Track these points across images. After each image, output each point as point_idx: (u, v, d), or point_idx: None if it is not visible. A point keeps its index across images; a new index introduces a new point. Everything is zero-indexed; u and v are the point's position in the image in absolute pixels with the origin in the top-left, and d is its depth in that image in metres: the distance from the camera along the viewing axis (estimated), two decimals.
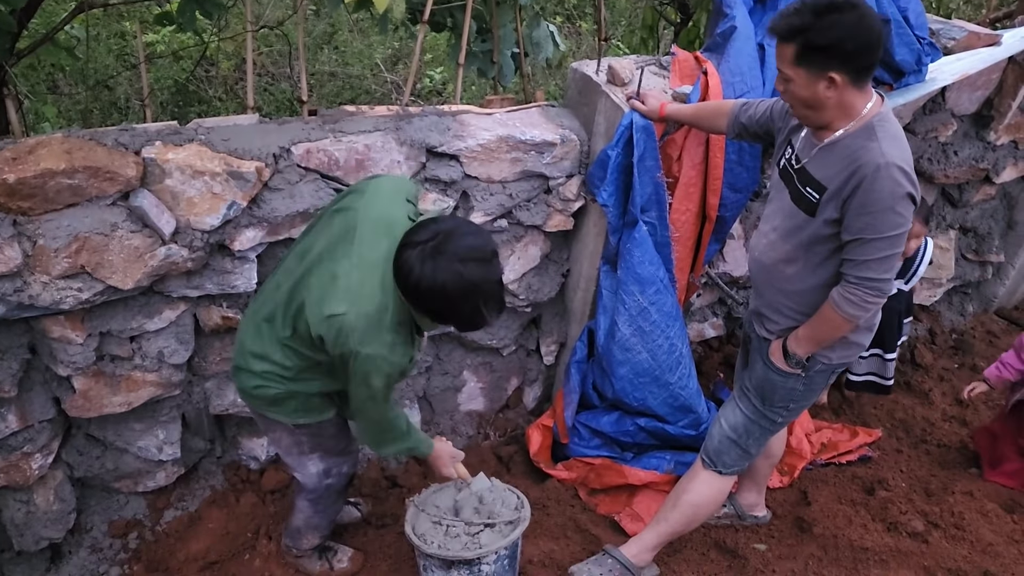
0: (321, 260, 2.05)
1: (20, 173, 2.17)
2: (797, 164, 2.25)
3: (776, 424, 2.55)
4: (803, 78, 2.05)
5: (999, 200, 4.33)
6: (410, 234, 1.93)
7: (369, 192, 2.12)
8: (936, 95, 3.61)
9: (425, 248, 1.86)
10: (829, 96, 2.06)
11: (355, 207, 2.08)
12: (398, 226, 2.01)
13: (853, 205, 2.07)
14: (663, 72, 3.12)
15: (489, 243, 1.96)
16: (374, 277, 1.97)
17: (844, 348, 2.37)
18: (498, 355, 3.38)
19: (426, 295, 1.89)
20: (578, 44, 6.95)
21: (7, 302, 2.28)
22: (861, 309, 2.15)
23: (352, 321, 1.94)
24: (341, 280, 1.97)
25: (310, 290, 2.03)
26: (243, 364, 2.23)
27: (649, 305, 2.96)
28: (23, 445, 2.55)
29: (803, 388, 2.45)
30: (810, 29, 1.98)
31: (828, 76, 2.02)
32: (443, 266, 1.85)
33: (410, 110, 2.80)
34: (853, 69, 2.02)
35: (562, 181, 3.00)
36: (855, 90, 2.07)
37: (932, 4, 6.09)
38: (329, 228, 2.11)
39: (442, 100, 6.18)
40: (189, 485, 3.01)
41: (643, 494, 3.15)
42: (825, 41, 1.98)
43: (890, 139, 2.06)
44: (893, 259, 2.11)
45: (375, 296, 1.96)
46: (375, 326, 1.96)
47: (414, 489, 3.01)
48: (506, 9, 3.22)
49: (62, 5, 5.56)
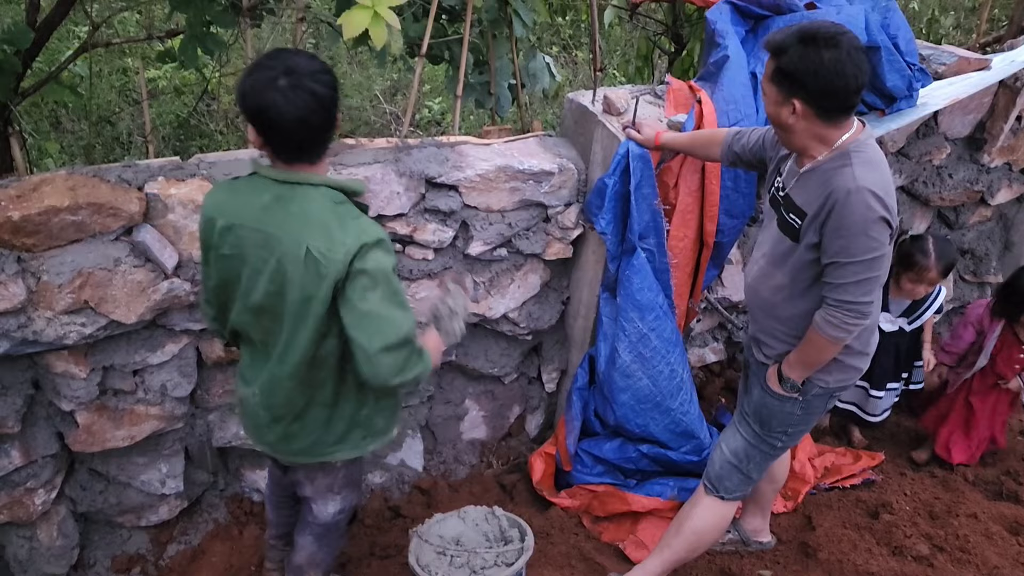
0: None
1: (25, 210, 2.20)
2: (783, 191, 2.29)
3: (776, 449, 2.56)
4: (772, 96, 2.14)
5: (995, 222, 4.36)
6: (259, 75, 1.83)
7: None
8: (929, 119, 3.65)
9: (279, 84, 1.80)
10: (792, 122, 2.13)
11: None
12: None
13: (828, 229, 2.11)
14: (658, 101, 3.16)
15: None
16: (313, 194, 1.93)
17: (840, 371, 2.38)
18: (500, 383, 3.39)
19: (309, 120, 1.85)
20: (574, 73, 7.02)
21: (11, 338, 2.30)
22: (843, 331, 2.18)
23: (341, 226, 1.88)
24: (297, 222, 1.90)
25: (289, 277, 1.90)
26: (286, 436, 2.13)
27: (649, 331, 2.98)
28: (26, 481, 2.56)
29: (801, 412, 2.46)
30: (786, 52, 2.06)
31: (792, 102, 2.09)
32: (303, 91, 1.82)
33: (409, 142, 2.84)
34: (817, 105, 2.08)
35: (560, 210, 3.03)
36: (823, 123, 2.13)
37: (922, 30, 6.17)
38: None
39: (440, 130, 6.24)
40: (192, 518, 3.01)
41: (647, 521, 3.14)
42: (793, 69, 2.06)
43: (864, 164, 2.10)
44: (871, 282, 2.13)
45: (327, 203, 1.91)
46: (353, 216, 1.92)
47: (417, 519, 3.00)
48: (502, 41, 3.27)
49: (65, 43, 5.65)
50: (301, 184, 1.92)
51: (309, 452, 2.17)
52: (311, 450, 2.17)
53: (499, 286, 3.07)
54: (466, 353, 3.22)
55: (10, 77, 2.69)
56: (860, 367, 2.42)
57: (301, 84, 1.81)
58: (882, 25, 3.03)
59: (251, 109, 1.84)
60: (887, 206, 2.08)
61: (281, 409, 2.10)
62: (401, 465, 3.31)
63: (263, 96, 1.81)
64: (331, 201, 1.92)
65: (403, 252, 2.85)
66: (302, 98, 1.81)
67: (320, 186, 1.93)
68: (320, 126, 1.88)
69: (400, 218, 2.76)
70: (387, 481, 3.29)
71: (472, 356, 3.23)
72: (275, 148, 1.91)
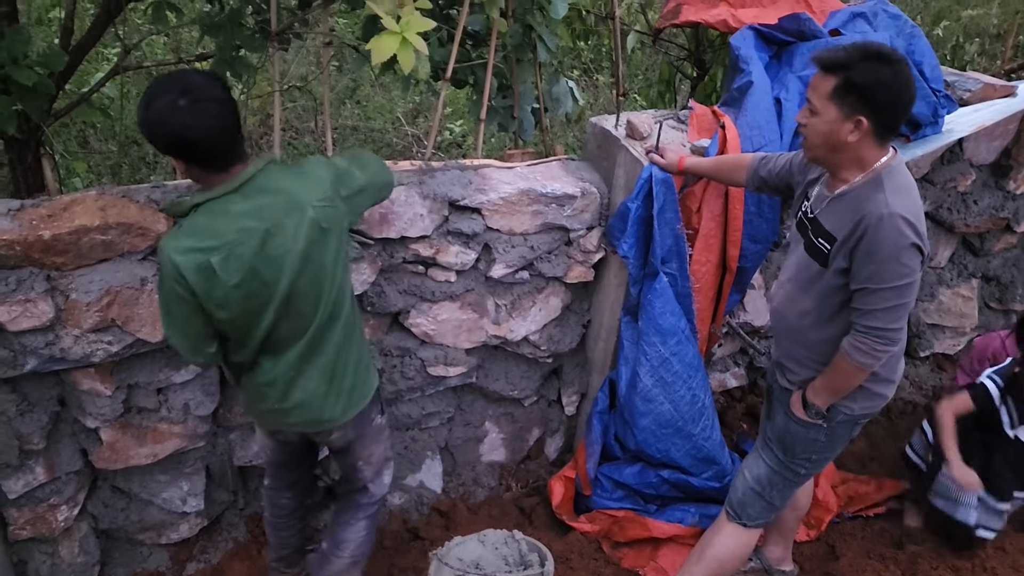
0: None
1: (55, 229, 2.23)
2: (811, 215, 2.27)
3: (800, 476, 2.53)
4: (833, 114, 2.08)
5: (1021, 249, 4.31)
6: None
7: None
8: (954, 146, 3.63)
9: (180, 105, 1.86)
10: (850, 140, 2.09)
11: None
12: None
13: (859, 255, 2.09)
14: (681, 126, 3.17)
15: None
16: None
17: (865, 399, 2.36)
18: (519, 405, 3.39)
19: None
20: (595, 97, 7.06)
21: (39, 355, 2.32)
22: (871, 358, 2.16)
23: (311, 170, 2.13)
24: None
25: (310, 244, 2.05)
26: (343, 394, 2.28)
27: (671, 356, 2.97)
28: (50, 497, 2.58)
29: (825, 439, 2.43)
30: (855, 67, 2.03)
31: (856, 119, 2.06)
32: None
33: (433, 164, 2.86)
34: (880, 121, 2.07)
35: (583, 233, 3.04)
36: (875, 143, 2.11)
37: (947, 57, 6.16)
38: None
39: (461, 152, 6.28)
40: (212, 537, 3.02)
41: (668, 547, 3.11)
42: (865, 82, 2.02)
43: (896, 190, 2.09)
44: (901, 309, 2.11)
45: (284, 171, 2.08)
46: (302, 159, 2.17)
47: (436, 542, 2.99)
48: (526, 66, 3.29)
49: (94, 65, 5.75)
50: (251, 179, 1.99)
51: (360, 394, 2.33)
52: (360, 390, 2.32)
53: (520, 309, 3.07)
54: (487, 375, 3.22)
55: (43, 99, 2.73)
56: (886, 394, 2.39)
57: (200, 97, 1.87)
58: (907, 51, 3.03)
59: (166, 139, 1.91)
60: (919, 232, 2.06)
61: (340, 372, 2.25)
62: (420, 487, 3.31)
63: (171, 122, 1.86)
64: (283, 168, 2.08)
65: (425, 274, 2.86)
66: (209, 109, 1.88)
67: (264, 167, 2.02)
68: (233, 126, 1.95)
69: (423, 240, 2.77)
70: (406, 503, 3.29)
71: (492, 378, 3.23)
72: (206, 163, 1.96)
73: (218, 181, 1.98)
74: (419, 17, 2.31)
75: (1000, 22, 7.16)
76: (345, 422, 2.31)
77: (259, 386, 2.21)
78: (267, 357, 2.18)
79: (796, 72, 3.07)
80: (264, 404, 2.25)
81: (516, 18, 3.12)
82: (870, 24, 3.29)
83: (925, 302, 4.11)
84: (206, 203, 1.98)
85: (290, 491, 2.54)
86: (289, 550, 2.69)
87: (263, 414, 2.30)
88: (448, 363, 3.04)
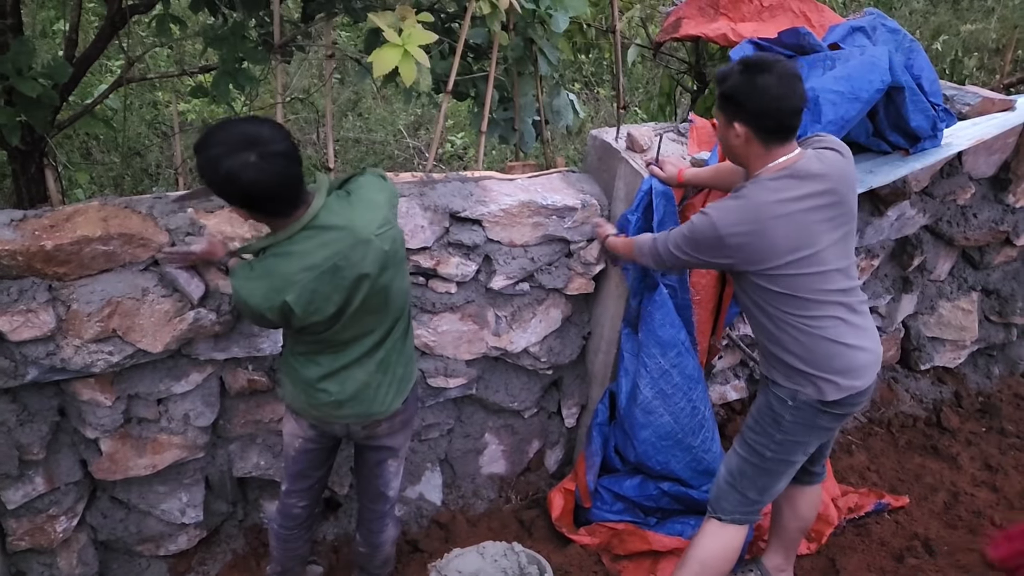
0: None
1: (58, 240, 2.24)
2: None
3: (764, 460, 2.51)
4: (720, 122, 2.32)
5: (1021, 262, 4.32)
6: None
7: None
8: (953, 159, 3.64)
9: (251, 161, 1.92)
10: (736, 145, 2.29)
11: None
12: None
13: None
14: (681, 139, 3.19)
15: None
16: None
17: (809, 384, 2.39)
18: (519, 417, 3.39)
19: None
20: (596, 110, 7.08)
21: (40, 365, 2.33)
22: (638, 252, 2.58)
23: (373, 202, 2.20)
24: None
25: (380, 267, 2.14)
26: (395, 383, 2.39)
27: (671, 367, 2.97)
28: (49, 507, 2.58)
29: (789, 418, 2.44)
30: (729, 79, 2.23)
31: (734, 125, 2.25)
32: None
33: (434, 176, 2.87)
34: (758, 125, 2.24)
35: (583, 245, 3.04)
36: (760, 146, 2.27)
37: (946, 71, 6.19)
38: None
39: (463, 164, 6.30)
40: (210, 549, 3.01)
41: (667, 561, 3.10)
42: (734, 92, 2.22)
43: (735, 195, 2.31)
44: (677, 246, 2.40)
45: (343, 204, 2.14)
46: (356, 190, 2.20)
47: (435, 554, 2.98)
48: (527, 79, 3.31)
49: (97, 76, 5.78)
50: (314, 219, 2.06)
51: (407, 383, 2.44)
52: (408, 379, 2.44)
53: (521, 320, 3.07)
54: (486, 387, 3.22)
55: (48, 110, 2.75)
56: (830, 379, 2.38)
57: (269, 152, 1.92)
58: (906, 66, 3.04)
59: (236, 195, 1.98)
60: (717, 225, 2.28)
61: (394, 363, 2.36)
62: (420, 499, 3.30)
63: (242, 180, 1.92)
64: (342, 200, 2.14)
65: (426, 285, 2.87)
66: (277, 163, 1.94)
67: (325, 203, 2.09)
68: (298, 175, 2.01)
69: (424, 251, 2.78)
70: (405, 515, 3.28)
71: (492, 390, 3.23)
72: (272, 213, 2.05)
73: (282, 226, 2.06)
74: (421, 30, 2.33)
75: (999, 37, 7.20)
76: (393, 412, 2.40)
77: (318, 379, 2.28)
78: (329, 354, 2.27)
79: None
80: (320, 397, 2.31)
81: (517, 31, 3.14)
82: (869, 38, 3.30)
83: (925, 315, 4.11)
84: (272, 247, 2.08)
85: (306, 498, 2.57)
86: (294, 563, 2.69)
87: (316, 406, 2.34)
88: (448, 374, 3.04)
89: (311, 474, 2.53)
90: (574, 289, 3.12)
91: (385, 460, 2.53)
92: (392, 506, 2.63)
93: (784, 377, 2.43)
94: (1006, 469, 3.84)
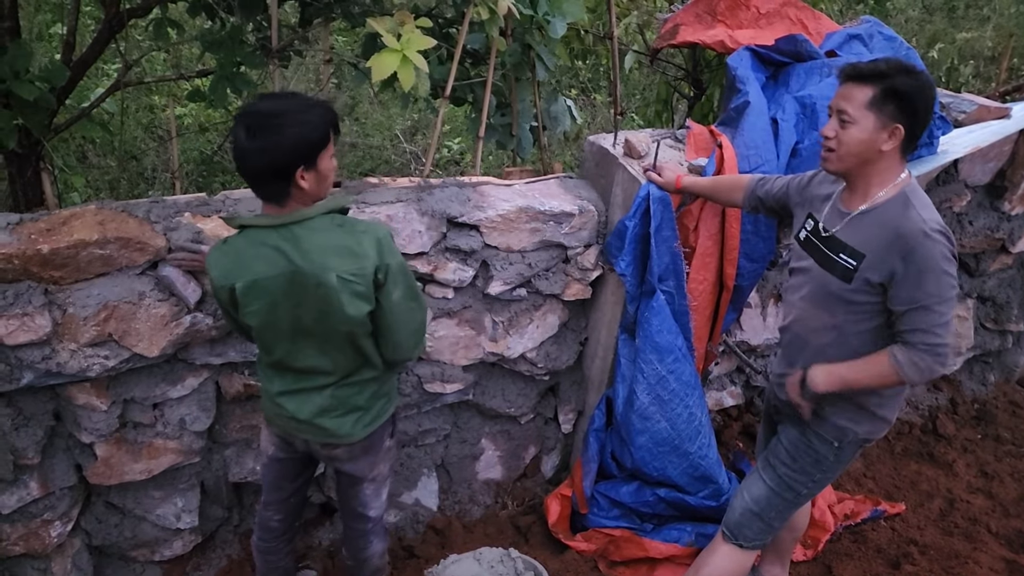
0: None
1: (54, 244, 2.23)
2: (825, 233, 2.27)
3: (800, 497, 2.52)
4: (870, 123, 2.10)
5: (1016, 269, 4.33)
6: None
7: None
8: (949, 167, 3.66)
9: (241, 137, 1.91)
10: (885, 150, 2.12)
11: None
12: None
13: (909, 275, 2.09)
14: (678, 145, 3.19)
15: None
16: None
17: (870, 423, 2.36)
18: (516, 423, 3.38)
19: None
20: (592, 116, 7.10)
21: (35, 369, 2.32)
22: (922, 375, 2.15)
23: (358, 243, 2.04)
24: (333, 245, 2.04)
25: (327, 303, 2.04)
26: (342, 420, 2.27)
27: (668, 373, 2.97)
28: (43, 512, 2.56)
29: (833, 459, 2.42)
30: (894, 77, 2.07)
31: (894, 127, 2.09)
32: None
33: (431, 181, 2.87)
34: (912, 130, 2.11)
35: (580, 251, 3.04)
36: (901, 156, 2.15)
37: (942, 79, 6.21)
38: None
39: (460, 169, 6.31)
40: (206, 554, 2.99)
41: (664, 567, 3.10)
42: (906, 89, 2.06)
43: (924, 206, 2.13)
44: (951, 322, 2.13)
45: (333, 229, 2.04)
46: (360, 230, 2.07)
47: (431, 560, 2.98)
48: (525, 85, 3.32)
49: (94, 80, 5.78)
50: (300, 221, 2.01)
51: (373, 420, 2.32)
52: (373, 417, 2.32)
53: (518, 326, 3.07)
54: (483, 392, 3.22)
55: (44, 114, 2.75)
56: (890, 419, 2.38)
57: (257, 132, 1.89)
58: None
59: (237, 167, 1.96)
60: (953, 245, 2.11)
61: (354, 399, 2.26)
62: (416, 504, 3.29)
63: (235, 152, 1.91)
64: (334, 225, 2.04)
65: (423, 290, 2.87)
66: (258, 144, 1.90)
67: (316, 216, 2.02)
68: (286, 164, 1.93)
69: (421, 256, 2.78)
70: (401, 520, 3.27)
71: (489, 395, 3.23)
72: (263, 195, 2.02)
73: (271, 212, 2.04)
74: (419, 35, 2.33)
75: (995, 45, 7.23)
76: (355, 441, 2.32)
77: (277, 393, 2.25)
78: (290, 375, 2.22)
79: (792, 92, 3.10)
80: (279, 411, 2.28)
81: (515, 37, 3.15)
82: (866, 46, 3.32)
83: None
84: (247, 228, 2.04)
85: (282, 511, 2.52)
86: (277, 574, 2.66)
87: (278, 417, 2.31)
88: (445, 380, 3.04)
89: (284, 485, 2.50)
90: (571, 295, 3.12)
91: (358, 483, 2.46)
92: (375, 524, 2.56)
93: (843, 417, 2.35)
94: (1001, 476, 3.85)
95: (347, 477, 2.45)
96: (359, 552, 2.60)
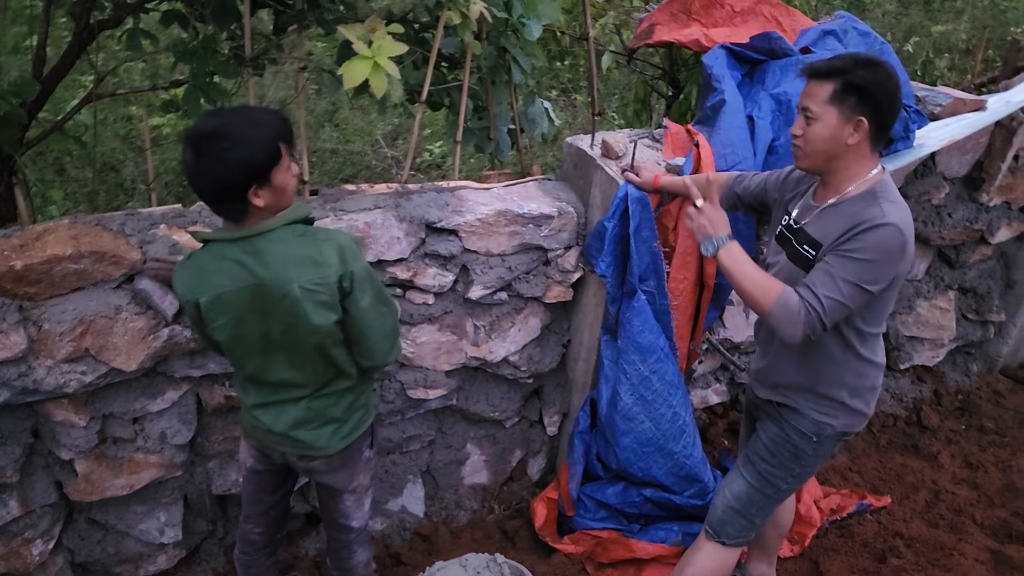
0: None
1: (27, 260, 2.21)
2: (796, 225, 2.28)
3: (780, 492, 2.53)
4: (833, 118, 2.10)
5: (996, 260, 4.37)
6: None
7: None
8: (926, 160, 3.68)
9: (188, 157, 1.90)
10: (850, 143, 2.11)
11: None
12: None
13: (841, 243, 2.09)
14: (656, 144, 3.19)
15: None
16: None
17: (847, 415, 2.36)
18: (501, 427, 3.37)
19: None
20: (573, 116, 7.10)
21: (11, 387, 2.29)
22: (783, 319, 2.09)
23: (319, 252, 2.01)
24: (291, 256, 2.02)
25: (292, 314, 2.01)
26: (318, 432, 2.25)
27: (651, 374, 2.97)
28: (24, 531, 2.54)
29: (812, 453, 2.43)
30: (851, 71, 2.08)
31: (857, 120, 2.09)
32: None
33: (409, 187, 2.86)
34: (877, 122, 2.10)
35: (560, 253, 3.04)
36: (870, 148, 2.15)
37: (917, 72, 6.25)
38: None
39: (441, 173, 6.29)
40: (191, 568, 2.97)
41: (651, 568, 3.10)
42: (863, 83, 2.06)
43: (892, 202, 2.12)
44: (839, 310, 2.08)
45: (293, 240, 2.01)
46: (321, 238, 2.04)
47: (418, 566, 2.97)
48: (501, 88, 3.31)
49: (70, 92, 5.73)
50: (261, 234, 1.99)
51: (351, 432, 2.30)
52: (351, 428, 2.30)
53: (499, 330, 3.07)
54: (467, 397, 3.21)
55: (15, 129, 2.72)
56: (864, 411, 2.38)
57: (202, 154, 1.88)
58: None
59: (190, 186, 1.95)
60: (906, 248, 2.08)
61: (330, 411, 2.25)
62: (402, 511, 3.28)
63: (185, 173, 1.91)
64: (295, 236, 2.02)
65: (403, 297, 2.86)
66: (203, 166, 1.89)
67: (278, 228, 2.00)
68: (236, 187, 1.90)
69: (400, 263, 2.77)
70: (388, 527, 3.26)
71: (473, 400, 3.22)
72: (219, 214, 2.01)
73: (230, 226, 2.01)
74: (391, 41, 2.32)
75: (969, 37, 7.28)
76: (332, 453, 2.30)
77: (252, 406, 2.24)
78: (265, 388, 2.20)
79: (768, 90, 3.11)
80: (256, 423, 2.26)
81: (490, 40, 3.14)
82: (840, 42, 3.34)
83: (903, 314, 4.14)
84: (211, 244, 2.03)
85: (262, 524, 2.50)
86: None
87: (255, 429, 2.29)
88: (428, 385, 3.03)
89: (263, 498, 2.48)
90: (552, 297, 3.12)
91: (338, 495, 2.44)
92: (358, 534, 2.54)
93: (816, 411, 2.35)
94: (986, 466, 3.87)
95: (327, 489, 2.43)
96: (343, 563, 2.58)
